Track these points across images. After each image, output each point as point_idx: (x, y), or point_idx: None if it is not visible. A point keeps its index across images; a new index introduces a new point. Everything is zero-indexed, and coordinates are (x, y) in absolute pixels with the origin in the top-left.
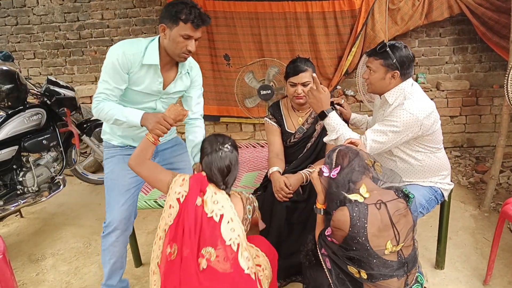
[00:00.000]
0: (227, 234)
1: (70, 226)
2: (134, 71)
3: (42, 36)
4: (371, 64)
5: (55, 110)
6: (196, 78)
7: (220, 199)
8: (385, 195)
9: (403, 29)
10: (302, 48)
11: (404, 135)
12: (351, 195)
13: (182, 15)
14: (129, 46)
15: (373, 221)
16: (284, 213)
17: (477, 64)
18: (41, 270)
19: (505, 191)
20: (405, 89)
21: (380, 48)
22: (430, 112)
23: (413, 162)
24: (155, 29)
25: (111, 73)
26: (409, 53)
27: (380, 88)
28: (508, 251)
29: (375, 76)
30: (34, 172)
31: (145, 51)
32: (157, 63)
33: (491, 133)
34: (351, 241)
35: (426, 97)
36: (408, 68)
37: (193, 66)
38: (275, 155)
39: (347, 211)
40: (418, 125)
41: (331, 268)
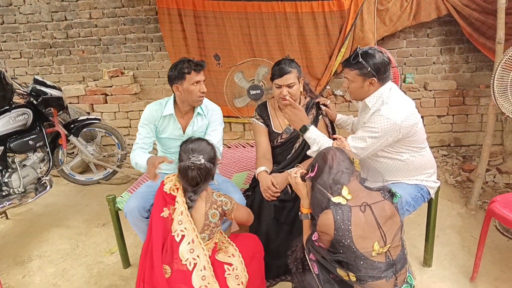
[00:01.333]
0: (185, 254)
1: (57, 227)
2: (159, 123)
3: (28, 36)
4: (347, 75)
5: (42, 110)
6: (212, 118)
7: (184, 220)
8: (371, 197)
9: (392, 29)
10: (292, 48)
11: (383, 140)
12: (334, 198)
13: (185, 69)
14: (153, 105)
15: (358, 223)
16: (272, 213)
17: (464, 65)
18: (27, 273)
19: (491, 190)
20: (383, 94)
21: (353, 58)
22: (407, 115)
23: (397, 162)
24: (143, 29)
25: (141, 126)
26: (383, 58)
27: (360, 96)
28: (494, 248)
29: (354, 85)
30: (20, 173)
31: (165, 106)
32: (172, 112)
33: (478, 132)
34: (338, 244)
35: (404, 100)
36: (385, 72)
37: (209, 109)
38: (263, 156)
39: (331, 214)
40: (397, 129)
41: (319, 273)
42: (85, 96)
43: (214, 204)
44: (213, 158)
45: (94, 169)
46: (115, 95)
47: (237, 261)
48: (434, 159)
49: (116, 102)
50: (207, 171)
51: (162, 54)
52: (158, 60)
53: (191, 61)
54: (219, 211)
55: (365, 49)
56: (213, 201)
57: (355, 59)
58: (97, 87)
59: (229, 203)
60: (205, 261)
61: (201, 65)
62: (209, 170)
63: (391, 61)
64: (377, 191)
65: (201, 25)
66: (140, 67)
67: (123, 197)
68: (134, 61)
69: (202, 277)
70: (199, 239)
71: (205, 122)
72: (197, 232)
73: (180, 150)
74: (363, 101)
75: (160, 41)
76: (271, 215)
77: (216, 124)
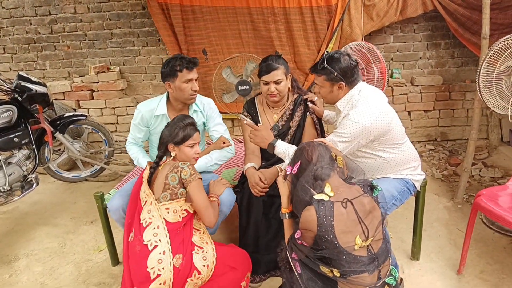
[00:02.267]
0: (144, 214)
1: (44, 225)
2: (152, 123)
3: (12, 31)
4: (316, 81)
5: (27, 106)
6: (210, 113)
7: (145, 188)
8: (351, 192)
9: (379, 25)
10: (280, 43)
11: (355, 143)
12: (317, 195)
13: (177, 67)
14: (145, 104)
15: (340, 218)
16: (261, 208)
17: (450, 60)
18: (14, 272)
19: (477, 183)
20: (353, 97)
21: (319, 64)
22: (376, 116)
23: (378, 160)
24: (130, 24)
25: (133, 125)
26: (350, 61)
27: (332, 100)
28: (480, 241)
29: (323, 90)
30: (5, 171)
31: (158, 105)
32: (165, 112)
33: (464, 126)
34: (320, 240)
35: (374, 101)
36: (353, 75)
37: (205, 103)
38: (251, 152)
39: (313, 210)
40: (367, 132)
41: (301, 272)
42: (71, 92)
43: (175, 169)
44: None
45: (81, 166)
46: (101, 91)
47: (209, 248)
48: (416, 152)
49: (102, 98)
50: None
51: (149, 50)
52: (145, 56)
53: (184, 58)
54: (178, 176)
55: (331, 54)
56: (175, 166)
57: (321, 65)
58: (83, 83)
59: (188, 174)
60: (160, 221)
61: (194, 63)
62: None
63: (358, 64)
64: (357, 185)
65: (189, 20)
66: (127, 62)
67: (111, 194)
68: (121, 56)
69: (154, 234)
70: (156, 204)
71: (201, 118)
72: (153, 196)
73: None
74: (335, 105)
75: (146, 36)
76: (260, 210)
77: (216, 118)
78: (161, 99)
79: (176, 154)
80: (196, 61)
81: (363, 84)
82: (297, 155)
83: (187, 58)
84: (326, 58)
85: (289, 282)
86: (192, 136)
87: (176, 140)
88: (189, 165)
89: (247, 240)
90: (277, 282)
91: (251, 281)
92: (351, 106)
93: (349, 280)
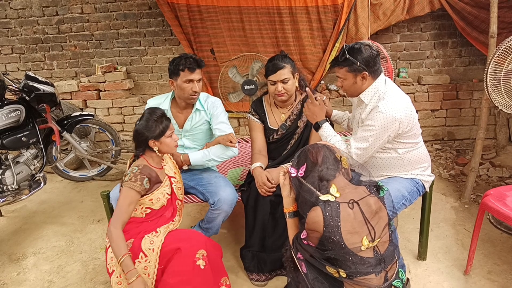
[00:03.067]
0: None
1: (52, 224)
2: None
3: (20, 31)
4: (339, 74)
5: (35, 106)
6: (214, 111)
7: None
8: (357, 193)
9: (385, 24)
10: (286, 43)
11: (385, 137)
12: (322, 196)
13: (180, 66)
14: (154, 99)
15: (347, 219)
16: (268, 208)
17: (457, 59)
18: (22, 270)
19: (484, 183)
20: (379, 89)
21: (341, 56)
22: (405, 109)
23: (393, 157)
24: (136, 24)
25: None
26: (371, 51)
27: (355, 92)
28: (488, 241)
29: (346, 83)
30: (13, 170)
31: (163, 101)
32: (167, 108)
33: (471, 126)
34: (326, 241)
35: (400, 94)
36: (375, 65)
37: (209, 102)
38: (258, 152)
39: (320, 211)
40: (397, 124)
41: (307, 272)
42: (78, 92)
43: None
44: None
45: (88, 166)
46: (108, 91)
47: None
48: (428, 153)
49: (109, 97)
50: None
51: (155, 49)
52: (151, 55)
53: (188, 58)
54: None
55: (351, 45)
56: (131, 170)
57: (343, 56)
58: (90, 82)
59: (126, 178)
60: None
61: (198, 64)
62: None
63: (379, 53)
64: (363, 186)
65: (196, 20)
66: (133, 62)
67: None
68: (127, 56)
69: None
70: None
71: (204, 117)
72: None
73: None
74: (358, 97)
75: (153, 36)
76: (267, 210)
77: (220, 116)
78: (167, 96)
79: (158, 148)
80: (200, 62)
81: (386, 77)
82: (301, 158)
83: (192, 59)
84: (346, 49)
85: (295, 281)
86: (168, 125)
87: (155, 134)
88: (134, 171)
89: (253, 239)
90: (283, 281)
91: (256, 280)
92: (378, 97)
93: (355, 282)
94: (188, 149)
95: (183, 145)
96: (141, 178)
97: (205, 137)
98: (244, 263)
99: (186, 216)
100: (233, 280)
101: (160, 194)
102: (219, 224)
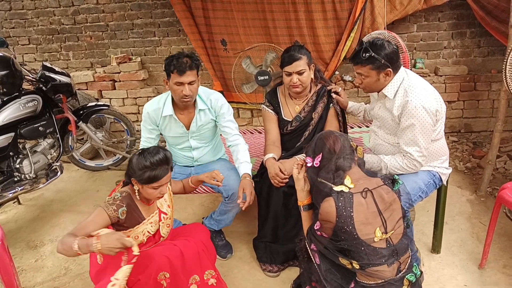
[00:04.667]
0: None
1: (68, 212)
2: (160, 123)
3: (36, 22)
4: (360, 71)
5: (51, 96)
6: (218, 110)
7: None
8: (371, 184)
9: (402, 13)
10: (300, 33)
11: (431, 127)
12: (336, 187)
13: (171, 67)
14: (151, 104)
15: (360, 210)
16: (281, 199)
17: (475, 49)
18: (40, 257)
19: (501, 176)
20: (403, 82)
21: (363, 53)
22: (435, 96)
23: None
24: (151, 14)
25: (142, 126)
26: (392, 47)
27: (376, 88)
28: (504, 235)
29: (368, 80)
30: (31, 159)
31: (164, 105)
32: (171, 113)
33: (489, 118)
34: (339, 231)
35: (425, 83)
36: (397, 61)
37: (212, 100)
38: (272, 143)
39: (333, 201)
40: (434, 112)
41: (320, 263)
42: (94, 83)
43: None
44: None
45: (104, 155)
46: (123, 81)
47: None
48: (447, 145)
49: (124, 88)
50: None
51: (170, 40)
52: (165, 46)
53: (179, 59)
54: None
55: (373, 41)
56: (114, 195)
57: (366, 54)
58: (105, 73)
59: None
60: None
61: (190, 66)
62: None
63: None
64: (378, 178)
65: (208, 10)
66: (148, 53)
67: None
68: (142, 47)
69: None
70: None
71: (209, 116)
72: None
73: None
74: (381, 93)
75: (167, 27)
76: (279, 201)
77: (226, 114)
78: (166, 98)
79: (139, 189)
80: (193, 63)
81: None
82: (317, 147)
83: (182, 61)
84: (368, 46)
85: (307, 272)
86: (160, 178)
87: (141, 179)
88: (115, 197)
89: (266, 229)
90: (296, 271)
91: (269, 270)
92: (404, 90)
93: (368, 273)
94: (195, 149)
95: (190, 146)
96: (118, 205)
97: (212, 135)
98: (257, 253)
99: (199, 207)
100: (246, 270)
101: (140, 232)
102: (233, 217)
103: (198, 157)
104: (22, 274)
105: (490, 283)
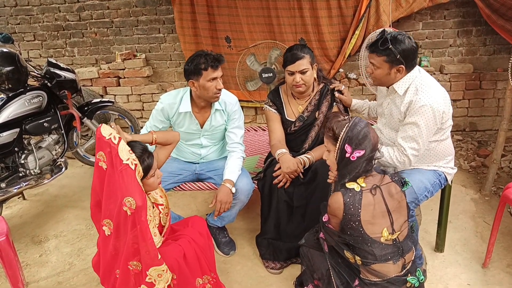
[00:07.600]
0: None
1: (73, 208)
2: (174, 117)
3: (42, 18)
4: (373, 60)
5: (56, 92)
6: (232, 113)
7: None
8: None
9: (408, 11)
10: (305, 30)
11: (434, 129)
12: (349, 184)
13: (202, 65)
14: (168, 97)
15: (368, 209)
16: (284, 196)
17: (481, 47)
18: (44, 252)
19: (506, 175)
20: (415, 80)
21: (382, 44)
22: (444, 97)
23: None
24: (155, 11)
25: (153, 114)
26: (413, 44)
27: (386, 82)
28: (508, 234)
29: (379, 72)
30: (36, 155)
31: (181, 101)
32: (189, 110)
33: (494, 117)
34: (346, 226)
35: (436, 83)
36: (413, 59)
37: (227, 102)
38: (278, 142)
39: (341, 197)
40: (441, 115)
41: (328, 252)
42: (98, 79)
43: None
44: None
45: None
46: (127, 78)
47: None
48: (453, 145)
49: (129, 84)
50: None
51: (174, 37)
52: (170, 43)
53: (208, 55)
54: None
55: (394, 34)
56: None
57: (384, 45)
58: (110, 69)
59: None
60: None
61: (219, 61)
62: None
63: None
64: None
65: (213, 7)
66: (152, 49)
67: None
68: (146, 43)
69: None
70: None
71: (223, 118)
72: None
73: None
74: (391, 87)
75: (172, 23)
76: (282, 198)
77: (236, 120)
78: (184, 94)
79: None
80: (221, 58)
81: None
82: (361, 139)
83: (212, 56)
84: (389, 38)
85: (309, 269)
86: (151, 165)
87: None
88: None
89: (268, 226)
90: (298, 269)
91: (272, 268)
92: (415, 88)
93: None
94: (205, 147)
95: (200, 144)
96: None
97: (223, 136)
98: (260, 250)
99: (203, 203)
100: (249, 267)
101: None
102: (236, 213)
103: (205, 155)
104: (26, 269)
105: (493, 282)
